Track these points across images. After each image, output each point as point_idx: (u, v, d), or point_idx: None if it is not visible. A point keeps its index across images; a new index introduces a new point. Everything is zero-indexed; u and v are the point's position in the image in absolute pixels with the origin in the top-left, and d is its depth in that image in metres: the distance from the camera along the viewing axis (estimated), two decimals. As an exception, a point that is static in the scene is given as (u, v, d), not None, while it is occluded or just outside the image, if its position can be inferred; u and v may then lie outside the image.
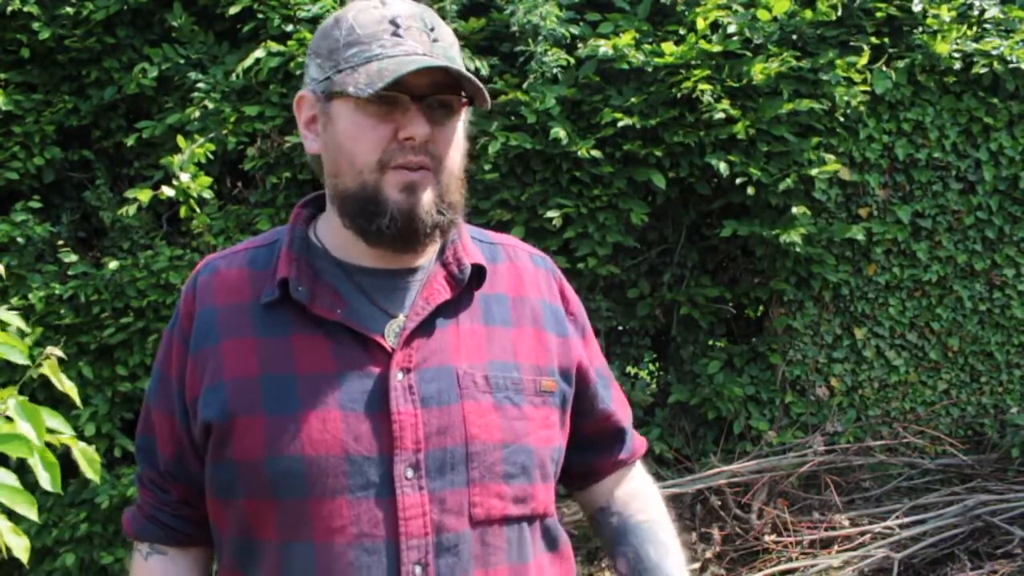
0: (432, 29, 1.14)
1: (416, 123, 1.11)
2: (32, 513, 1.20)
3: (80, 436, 3.86)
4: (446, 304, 1.18)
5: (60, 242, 4.24)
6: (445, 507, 1.11)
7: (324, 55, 1.16)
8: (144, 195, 3.75)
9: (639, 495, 1.41)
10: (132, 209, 3.86)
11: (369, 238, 1.16)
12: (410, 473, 1.10)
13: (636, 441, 1.43)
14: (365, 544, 1.08)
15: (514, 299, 1.25)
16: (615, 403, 1.37)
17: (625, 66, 3.94)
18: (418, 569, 1.09)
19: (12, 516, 1.24)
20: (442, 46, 1.14)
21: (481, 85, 1.13)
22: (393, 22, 1.13)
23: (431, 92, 1.12)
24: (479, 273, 1.21)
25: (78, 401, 1.32)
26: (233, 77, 4.14)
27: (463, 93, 1.14)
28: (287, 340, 1.14)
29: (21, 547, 1.19)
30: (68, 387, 1.24)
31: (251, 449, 1.11)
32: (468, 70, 1.22)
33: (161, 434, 1.22)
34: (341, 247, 1.20)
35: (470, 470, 1.12)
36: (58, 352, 1.29)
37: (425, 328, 1.16)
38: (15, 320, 1.45)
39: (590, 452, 1.35)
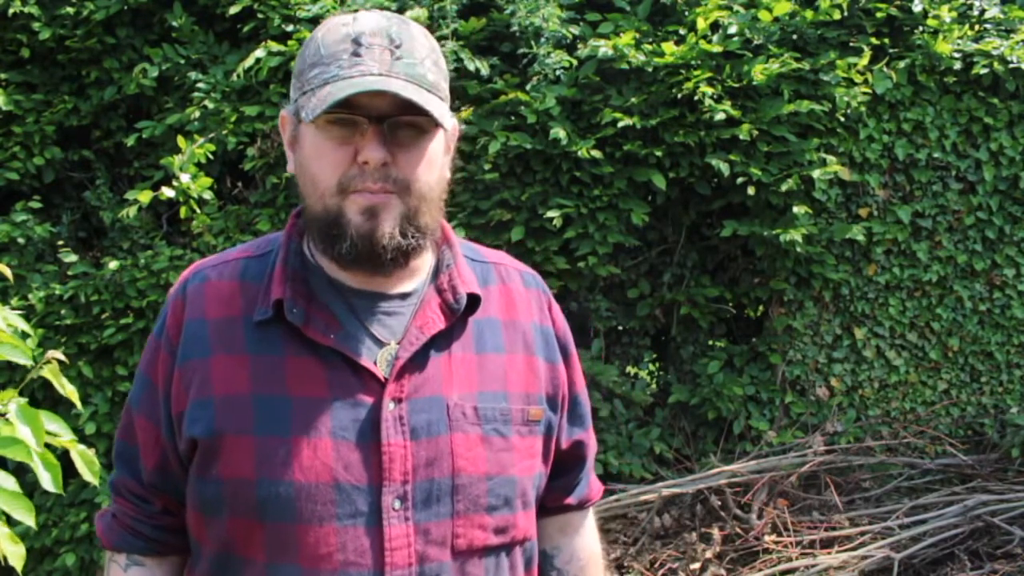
0: (399, 45, 1.09)
1: (370, 147, 1.08)
2: (30, 519, 1.20)
3: (80, 436, 3.86)
4: (439, 334, 1.16)
5: (60, 242, 4.24)
6: (429, 538, 1.11)
7: (296, 75, 1.14)
8: (144, 196, 3.75)
9: (582, 557, 1.39)
10: (133, 211, 3.86)
11: (336, 262, 1.15)
12: (397, 504, 1.10)
13: (593, 486, 1.40)
14: (350, 572, 1.09)
15: (506, 323, 1.24)
16: (585, 434, 1.34)
17: (625, 66, 3.94)
18: None
19: (9, 521, 1.24)
20: (406, 63, 1.09)
21: (436, 107, 1.08)
22: (356, 40, 1.09)
23: (394, 113, 1.08)
24: (473, 301, 1.20)
25: (79, 405, 1.32)
26: (233, 77, 4.14)
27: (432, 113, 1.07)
28: (280, 361, 1.13)
29: (17, 555, 1.19)
30: (69, 391, 1.24)
31: (239, 468, 1.10)
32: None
33: (144, 442, 1.20)
34: (334, 267, 1.18)
35: (455, 502, 1.13)
36: (60, 356, 1.29)
37: (418, 358, 1.15)
38: (18, 322, 1.45)
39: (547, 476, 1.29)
